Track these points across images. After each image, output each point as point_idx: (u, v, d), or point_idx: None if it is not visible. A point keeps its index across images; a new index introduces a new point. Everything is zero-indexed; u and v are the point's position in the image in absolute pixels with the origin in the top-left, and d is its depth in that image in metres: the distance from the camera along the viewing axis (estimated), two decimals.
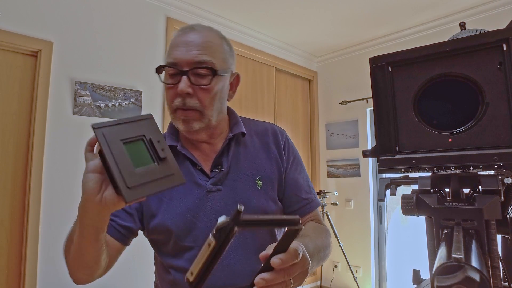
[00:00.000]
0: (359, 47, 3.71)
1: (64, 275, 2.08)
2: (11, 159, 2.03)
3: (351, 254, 3.50)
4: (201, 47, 0.81)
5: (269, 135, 0.95)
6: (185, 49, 0.80)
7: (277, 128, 0.99)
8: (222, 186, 0.86)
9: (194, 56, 0.80)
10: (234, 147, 0.90)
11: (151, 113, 0.58)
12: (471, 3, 2.85)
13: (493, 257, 0.52)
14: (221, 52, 0.85)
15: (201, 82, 0.81)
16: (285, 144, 0.95)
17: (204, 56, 0.81)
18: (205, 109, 0.82)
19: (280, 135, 0.96)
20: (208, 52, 0.82)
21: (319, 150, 4.02)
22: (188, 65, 0.80)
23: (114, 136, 0.51)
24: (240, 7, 2.92)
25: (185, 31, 0.84)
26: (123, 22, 2.50)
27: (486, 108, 0.51)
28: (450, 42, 0.54)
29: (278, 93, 3.71)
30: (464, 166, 0.51)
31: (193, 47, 0.81)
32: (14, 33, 2.01)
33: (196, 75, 0.81)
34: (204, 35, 0.83)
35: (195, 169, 0.87)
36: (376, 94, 0.59)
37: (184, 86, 0.79)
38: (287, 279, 0.52)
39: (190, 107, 0.81)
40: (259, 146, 0.93)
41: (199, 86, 0.81)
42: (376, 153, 0.59)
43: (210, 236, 0.44)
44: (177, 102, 0.81)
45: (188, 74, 0.80)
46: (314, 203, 0.94)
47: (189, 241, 0.83)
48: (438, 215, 0.54)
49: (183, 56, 0.80)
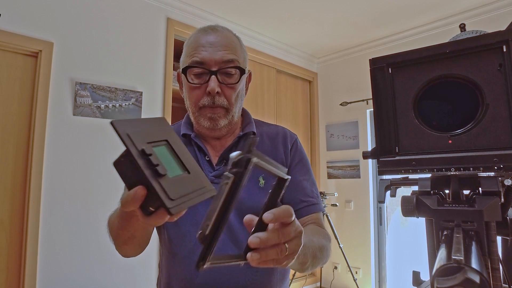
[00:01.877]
0: (359, 48, 3.71)
1: (63, 276, 2.09)
2: (11, 160, 2.03)
3: (351, 256, 3.50)
4: (227, 47, 0.84)
5: (279, 138, 0.96)
6: (211, 49, 0.83)
7: (289, 132, 1.00)
8: None
9: (222, 56, 0.83)
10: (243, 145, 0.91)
11: (162, 116, 0.50)
12: (471, 4, 2.85)
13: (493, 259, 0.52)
14: (241, 51, 0.89)
15: (229, 81, 0.85)
16: (293, 146, 0.96)
17: (231, 55, 0.84)
18: (231, 107, 0.86)
19: (290, 138, 0.97)
20: (233, 52, 0.85)
21: (319, 151, 4.02)
22: (216, 64, 0.83)
23: (140, 138, 0.42)
24: (241, 8, 2.93)
25: (207, 31, 0.86)
26: (123, 23, 2.50)
27: (486, 109, 0.51)
28: (450, 43, 0.54)
29: (278, 94, 3.71)
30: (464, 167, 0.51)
31: (220, 47, 0.83)
32: (15, 34, 2.01)
33: (224, 74, 0.84)
34: (227, 36, 0.86)
35: (204, 160, 0.90)
36: (376, 95, 0.59)
37: (215, 85, 0.82)
38: (282, 242, 0.48)
39: (219, 105, 0.84)
40: (268, 147, 0.94)
41: (227, 85, 0.84)
42: (376, 155, 0.59)
43: (226, 173, 0.42)
44: (204, 101, 0.84)
45: (217, 73, 0.83)
46: (315, 207, 0.92)
47: (188, 226, 0.85)
48: (438, 217, 0.54)
49: (211, 56, 0.82)
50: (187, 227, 0.86)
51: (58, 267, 2.07)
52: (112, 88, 2.37)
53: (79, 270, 2.14)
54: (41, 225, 2.04)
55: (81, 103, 2.23)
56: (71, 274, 2.11)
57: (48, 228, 2.06)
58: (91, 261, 2.19)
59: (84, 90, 2.25)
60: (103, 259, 2.22)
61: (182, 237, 0.87)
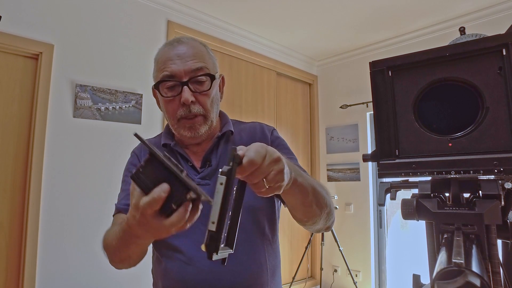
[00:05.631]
0: (359, 51, 3.72)
1: (63, 277, 2.08)
2: (11, 161, 2.03)
3: (351, 259, 3.49)
4: (195, 56, 0.86)
5: (257, 132, 0.99)
6: (179, 61, 0.85)
7: (265, 125, 1.02)
8: (211, 181, 0.89)
9: (191, 66, 0.85)
10: (223, 145, 0.94)
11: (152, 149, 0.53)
12: (471, 8, 2.86)
13: (494, 262, 0.51)
14: (209, 57, 0.91)
15: (201, 88, 0.87)
16: (272, 135, 0.98)
17: (199, 63, 0.86)
18: (208, 113, 0.88)
19: (268, 130, 0.99)
20: (201, 59, 0.87)
21: (319, 154, 4.01)
22: (186, 75, 0.85)
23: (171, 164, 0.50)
24: (241, 11, 2.94)
25: (174, 44, 0.88)
26: (124, 25, 2.50)
27: (486, 112, 0.51)
28: (450, 46, 0.55)
29: (278, 96, 3.71)
30: (464, 170, 0.51)
31: (187, 58, 0.86)
32: (15, 36, 2.02)
33: (195, 83, 0.86)
34: (193, 45, 0.89)
35: (187, 165, 0.92)
36: (376, 98, 0.59)
37: (188, 95, 0.84)
38: (259, 177, 0.55)
39: (195, 113, 0.86)
40: (247, 142, 0.93)
41: (200, 93, 0.86)
42: (376, 157, 0.59)
43: (219, 176, 0.50)
44: (181, 112, 0.86)
45: (188, 83, 0.85)
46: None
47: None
48: (438, 220, 0.54)
49: (180, 68, 0.85)
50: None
51: (57, 269, 2.06)
52: (112, 90, 2.37)
53: (78, 272, 2.13)
54: (41, 227, 2.03)
55: (81, 105, 2.23)
56: (70, 275, 2.10)
57: (48, 230, 2.06)
58: (90, 263, 2.18)
59: (84, 92, 2.25)
60: (102, 261, 2.21)
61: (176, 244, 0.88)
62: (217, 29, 3.09)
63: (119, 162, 2.36)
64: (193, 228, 0.82)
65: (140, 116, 2.49)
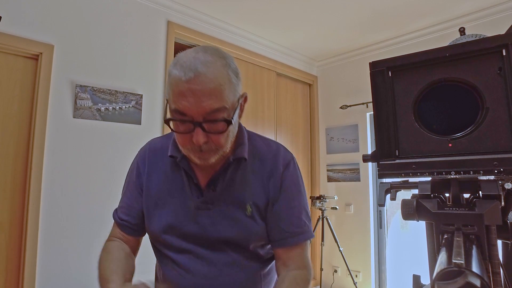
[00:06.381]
0: (359, 52, 3.72)
1: (62, 278, 2.08)
2: (11, 162, 2.03)
3: (351, 259, 3.49)
4: (212, 94, 0.72)
5: (270, 159, 0.90)
6: (193, 99, 0.72)
7: (283, 152, 0.93)
8: (212, 206, 0.86)
9: (206, 107, 0.72)
10: (232, 170, 0.88)
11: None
12: (471, 8, 2.86)
13: (494, 263, 0.51)
14: (230, 88, 0.76)
15: (216, 129, 0.76)
16: (285, 170, 0.90)
17: (216, 104, 0.73)
18: (221, 148, 0.80)
19: (282, 160, 0.91)
20: (220, 98, 0.73)
21: (319, 155, 4.01)
22: (200, 115, 0.73)
23: None
24: (241, 11, 2.94)
25: (189, 75, 0.72)
26: (124, 26, 2.51)
27: (486, 113, 0.51)
28: (450, 47, 0.55)
29: (278, 97, 3.71)
30: (464, 171, 0.51)
31: (203, 96, 0.72)
32: (15, 36, 2.02)
33: (210, 122, 0.75)
34: (211, 79, 0.73)
35: (191, 183, 0.87)
36: (376, 98, 0.59)
37: (201, 137, 0.74)
38: None
39: (207, 150, 0.78)
40: (258, 170, 0.90)
41: (215, 133, 0.76)
42: (376, 158, 0.59)
43: None
44: (192, 147, 0.78)
45: (202, 124, 0.74)
46: (297, 238, 0.88)
47: (177, 243, 0.88)
48: (438, 220, 0.53)
49: (194, 108, 0.72)
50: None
51: (57, 270, 2.06)
52: (112, 91, 2.37)
53: (78, 273, 2.13)
54: (41, 227, 2.03)
55: (81, 106, 2.23)
56: (70, 275, 2.10)
57: (48, 231, 2.06)
58: (90, 263, 2.18)
59: (84, 92, 2.25)
60: None
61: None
62: (217, 29, 3.09)
63: (119, 162, 2.36)
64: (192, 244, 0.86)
65: (140, 116, 2.49)
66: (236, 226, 0.85)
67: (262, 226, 0.87)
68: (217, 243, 0.86)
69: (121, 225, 0.93)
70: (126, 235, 0.93)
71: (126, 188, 0.96)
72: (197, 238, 0.86)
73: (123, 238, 0.93)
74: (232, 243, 0.86)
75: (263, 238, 0.88)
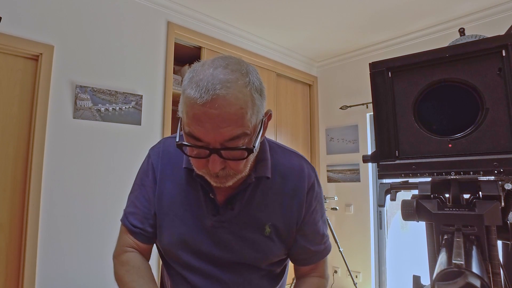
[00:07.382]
0: (359, 52, 3.72)
1: (62, 278, 2.08)
2: (11, 162, 2.03)
3: (351, 260, 3.48)
4: (231, 120, 0.64)
5: (294, 178, 0.85)
6: (210, 125, 0.63)
7: (306, 170, 0.87)
8: (228, 225, 0.81)
9: (224, 134, 0.64)
10: (252, 189, 0.82)
11: None
12: (470, 9, 2.86)
13: (494, 263, 0.51)
14: (253, 110, 0.67)
15: (235, 156, 0.68)
16: (310, 192, 0.85)
17: (236, 130, 0.65)
18: (239, 173, 0.73)
19: (308, 179, 0.85)
20: (240, 123, 0.65)
21: (319, 155, 4.01)
22: (218, 143, 0.65)
23: None
24: (240, 12, 2.94)
25: (205, 97, 0.63)
26: (124, 26, 2.51)
27: (485, 113, 0.51)
28: (449, 48, 0.55)
29: (278, 97, 3.71)
30: (464, 171, 0.51)
31: (222, 122, 0.63)
32: (15, 37, 2.02)
33: (228, 149, 0.67)
34: (232, 101, 0.63)
35: (207, 198, 0.81)
36: (376, 99, 0.59)
37: (218, 166, 0.67)
38: None
39: (224, 175, 0.71)
40: (279, 188, 0.84)
41: (233, 160, 0.69)
42: (376, 158, 0.59)
43: None
44: (206, 171, 0.72)
45: (219, 152, 0.66)
46: (321, 254, 0.90)
47: (188, 259, 0.84)
48: (438, 221, 0.53)
49: (210, 134, 0.64)
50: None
51: (57, 270, 2.06)
52: (112, 91, 2.37)
53: (78, 273, 2.13)
54: (41, 228, 2.03)
55: (81, 106, 2.23)
56: (70, 276, 2.10)
57: (48, 231, 2.06)
58: (90, 264, 2.18)
59: (84, 93, 2.25)
60: (103, 262, 2.21)
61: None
62: (217, 30, 3.09)
63: (119, 162, 2.36)
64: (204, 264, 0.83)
65: (140, 117, 2.49)
66: (253, 248, 0.82)
67: (280, 247, 0.84)
68: (230, 263, 0.82)
69: (135, 233, 0.85)
70: (140, 243, 0.85)
71: (138, 191, 0.87)
72: (210, 257, 0.82)
73: (137, 247, 0.85)
74: (247, 264, 0.83)
75: (278, 256, 0.86)
